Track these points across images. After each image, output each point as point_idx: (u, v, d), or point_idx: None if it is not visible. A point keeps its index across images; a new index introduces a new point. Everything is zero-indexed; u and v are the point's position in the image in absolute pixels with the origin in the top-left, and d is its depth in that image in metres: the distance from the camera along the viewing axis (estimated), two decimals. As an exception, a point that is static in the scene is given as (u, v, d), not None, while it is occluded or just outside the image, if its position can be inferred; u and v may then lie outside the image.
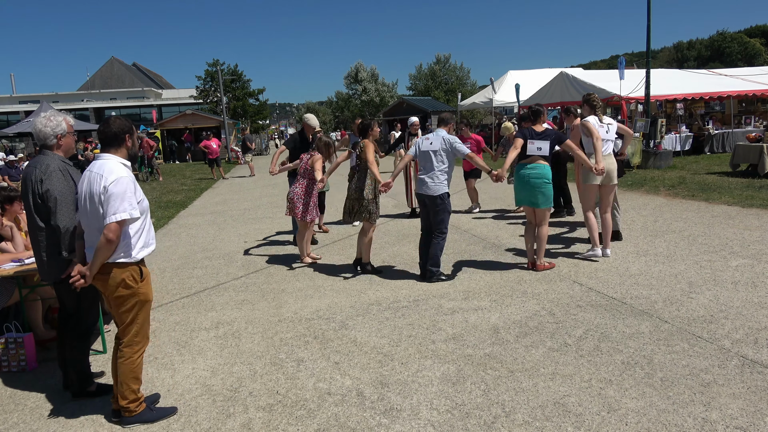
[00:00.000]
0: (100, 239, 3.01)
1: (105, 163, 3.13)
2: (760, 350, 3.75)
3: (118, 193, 3.02)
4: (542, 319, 4.56)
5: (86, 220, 3.17)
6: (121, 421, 3.28)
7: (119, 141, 3.21)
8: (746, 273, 5.41)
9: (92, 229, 3.14)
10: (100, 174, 3.08)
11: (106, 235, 2.98)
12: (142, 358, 3.34)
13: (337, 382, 3.70)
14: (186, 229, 10.05)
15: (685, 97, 16.84)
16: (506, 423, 3.09)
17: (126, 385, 3.23)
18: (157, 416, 3.34)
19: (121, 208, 3.01)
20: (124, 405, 3.24)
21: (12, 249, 4.77)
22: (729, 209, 8.51)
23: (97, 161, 3.19)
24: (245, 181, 19.10)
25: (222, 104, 34.45)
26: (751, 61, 64.60)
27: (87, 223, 3.18)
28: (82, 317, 3.60)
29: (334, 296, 5.52)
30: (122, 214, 3.01)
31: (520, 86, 22.11)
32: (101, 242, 3.01)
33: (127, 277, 3.14)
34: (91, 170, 3.15)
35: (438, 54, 53.49)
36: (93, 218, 3.11)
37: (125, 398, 3.24)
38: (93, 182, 3.08)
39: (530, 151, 5.82)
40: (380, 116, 41.46)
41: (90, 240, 3.18)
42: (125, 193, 3.04)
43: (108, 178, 3.04)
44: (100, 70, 64.90)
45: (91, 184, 3.09)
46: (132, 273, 3.17)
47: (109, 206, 3.00)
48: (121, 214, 3.00)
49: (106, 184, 3.03)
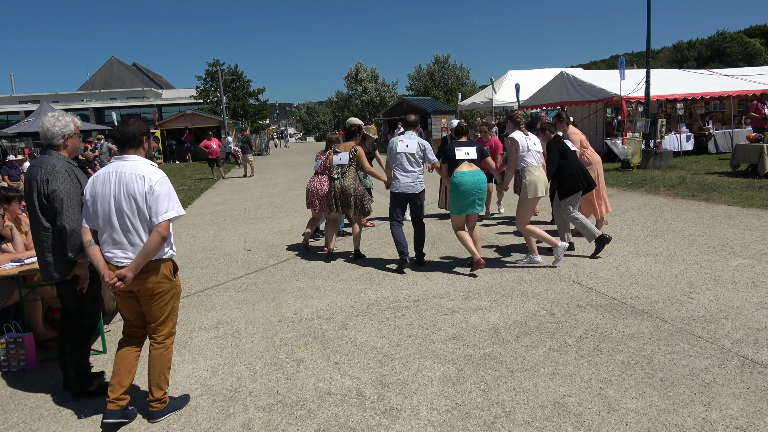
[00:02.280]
0: (153, 237, 3.06)
1: (137, 164, 3.17)
2: (760, 350, 3.76)
3: (165, 193, 3.12)
4: (542, 319, 4.56)
5: (122, 221, 3.12)
6: (152, 415, 3.33)
7: (138, 142, 3.25)
8: (746, 273, 5.41)
9: (119, 229, 3.12)
10: (139, 174, 3.10)
11: (160, 233, 3.07)
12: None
13: (337, 382, 3.70)
14: (186, 229, 10.05)
15: (685, 97, 16.84)
16: (506, 423, 3.09)
17: (163, 375, 3.35)
18: (181, 403, 3.47)
19: (171, 206, 3.13)
20: (160, 396, 3.33)
21: (12, 249, 4.77)
22: (729, 209, 8.51)
23: (123, 162, 3.18)
24: (245, 181, 19.10)
25: (222, 104, 34.47)
26: (751, 61, 64.60)
27: (120, 223, 3.12)
28: (83, 318, 3.60)
29: (334, 296, 5.52)
30: (172, 212, 3.12)
31: (520, 86, 22.13)
32: (154, 240, 3.06)
33: (167, 272, 3.25)
34: (120, 171, 3.13)
35: (437, 54, 53.61)
36: (128, 218, 3.10)
37: (161, 389, 3.34)
38: (131, 182, 3.09)
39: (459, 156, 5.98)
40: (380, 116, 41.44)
41: (113, 240, 3.15)
42: (170, 192, 3.17)
43: (152, 178, 3.11)
44: (100, 70, 64.89)
45: (126, 184, 3.09)
46: (171, 267, 3.30)
47: (160, 205, 3.08)
48: (171, 212, 3.12)
49: (152, 184, 3.09)
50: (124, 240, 3.13)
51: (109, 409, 3.21)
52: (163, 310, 3.30)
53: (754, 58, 70.47)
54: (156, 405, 3.33)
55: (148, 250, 3.08)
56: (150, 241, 3.08)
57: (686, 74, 20.16)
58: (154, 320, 3.31)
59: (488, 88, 25.92)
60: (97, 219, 3.16)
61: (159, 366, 3.33)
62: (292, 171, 22.02)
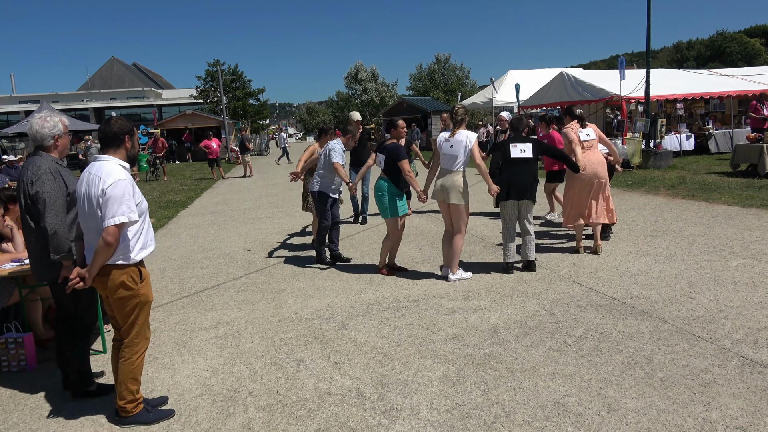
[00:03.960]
0: (99, 242, 3.00)
1: (103, 165, 3.12)
2: (760, 350, 3.76)
3: (116, 196, 3.00)
4: (542, 319, 4.56)
5: (85, 222, 3.17)
6: (120, 421, 3.29)
7: (118, 142, 3.19)
8: (746, 273, 5.41)
9: (91, 231, 3.14)
10: (98, 176, 3.07)
11: (104, 238, 2.97)
12: (143, 360, 3.33)
13: (337, 382, 3.70)
14: (186, 229, 10.05)
15: (685, 97, 16.84)
16: (506, 423, 3.09)
17: (124, 385, 3.23)
18: (154, 418, 3.31)
19: (119, 211, 2.99)
20: (121, 405, 3.25)
21: (12, 249, 4.77)
22: (729, 209, 8.51)
23: (95, 162, 3.18)
24: (245, 181, 19.10)
25: (222, 104, 34.45)
26: (751, 61, 64.54)
27: (86, 224, 3.17)
28: (81, 318, 3.60)
29: (334, 296, 5.52)
30: (120, 217, 2.99)
31: (520, 86, 22.13)
32: (100, 245, 3.00)
33: (126, 279, 3.14)
34: (89, 171, 3.14)
35: (438, 54, 53.62)
36: (91, 220, 3.10)
37: (123, 398, 3.25)
38: (91, 184, 3.08)
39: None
40: (380, 116, 41.45)
41: (89, 241, 3.18)
42: (123, 196, 3.02)
43: (106, 181, 3.02)
44: (100, 70, 64.85)
45: (89, 186, 3.09)
46: (131, 274, 3.16)
47: (108, 209, 2.98)
48: (119, 218, 2.99)
49: (104, 186, 3.01)
50: (92, 241, 3.13)
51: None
52: (125, 317, 3.21)
53: (754, 58, 70.43)
54: (121, 412, 3.27)
55: (96, 254, 3.03)
56: (97, 245, 3.01)
57: (686, 74, 20.14)
58: (119, 325, 3.27)
59: (488, 88, 25.94)
60: (80, 219, 3.21)
61: (120, 375, 3.24)
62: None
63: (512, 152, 5.79)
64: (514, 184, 5.75)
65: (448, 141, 5.67)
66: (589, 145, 6.45)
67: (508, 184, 5.76)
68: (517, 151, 5.77)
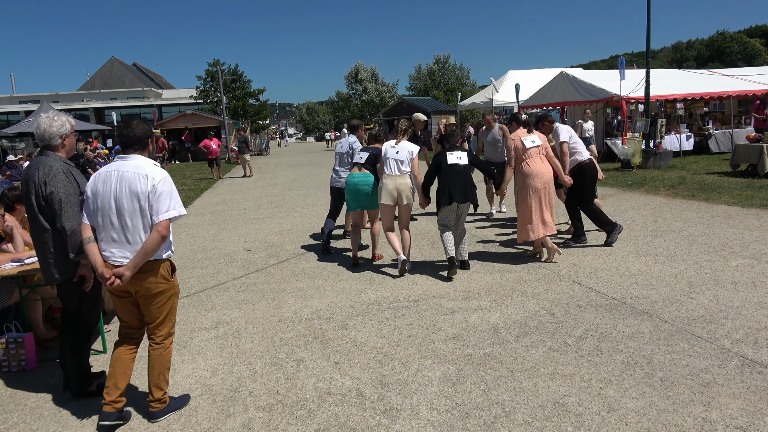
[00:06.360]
0: (153, 236, 3.07)
1: (140, 163, 3.19)
2: (760, 350, 3.76)
3: (167, 192, 3.15)
4: (542, 319, 4.57)
5: (110, 220, 3.14)
6: (152, 416, 3.33)
7: (143, 144, 3.30)
8: (746, 273, 5.41)
9: (118, 228, 3.13)
10: (142, 173, 3.13)
11: (160, 232, 3.08)
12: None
13: (337, 382, 3.70)
14: (186, 229, 10.05)
15: (685, 97, 16.85)
16: (506, 423, 3.09)
17: (162, 376, 3.35)
18: (181, 403, 3.48)
19: (172, 205, 3.15)
20: (159, 397, 3.33)
21: (12, 249, 4.78)
22: (729, 209, 8.51)
23: (125, 161, 3.21)
24: (245, 181, 19.10)
25: (222, 104, 34.46)
26: (751, 61, 64.64)
27: (112, 221, 3.14)
28: (83, 318, 3.61)
29: (334, 296, 5.52)
30: (173, 211, 3.14)
31: (520, 86, 22.13)
32: (154, 239, 3.07)
33: (165, 272, 3.25)
34: (122, 170, 3.16)
35: (437, 54, 53.53)
36: (128, 217, 3.12)
37: (161, 389, 3.34)
38: (133, 181, 3.11)
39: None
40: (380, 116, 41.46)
41: (111, 239, 3.15)
42: (172, 191, 3.19)
43: (155, 177, 3.13)
44: (100, 70, 64.90)
45: (129, 183, 3.11)
46: (168, 267, 3.30)
47: (161, 204, 3.10)
48: (172, 211, 3.13)
49: (155, 183, 3.11)
50: (122, 238, 3.14)
51: (105, 412, 3.22)
52: (161, 310, 3.30)
53: (754, 58, 70.51)
54: (156, 405, 3.33)
55: (146, 249, 3.08)
56: (149, 240, 3.08)
57: (686, 74, 20.15)
58: (153, 321, 3.31)
59: (488, 87, 25.93)
60: (97, 216, 3.18)
61: (158, 366, 3.33)
62: (292, 171, 22.03)
63: (449, 159, 6.05)
64: (456, 189, 5.94)
65: (393, 148, 6.27)
66: (536, 152, 6.26)
67: (449, 189, 5.94)
68: (453, 158, 6.03)
